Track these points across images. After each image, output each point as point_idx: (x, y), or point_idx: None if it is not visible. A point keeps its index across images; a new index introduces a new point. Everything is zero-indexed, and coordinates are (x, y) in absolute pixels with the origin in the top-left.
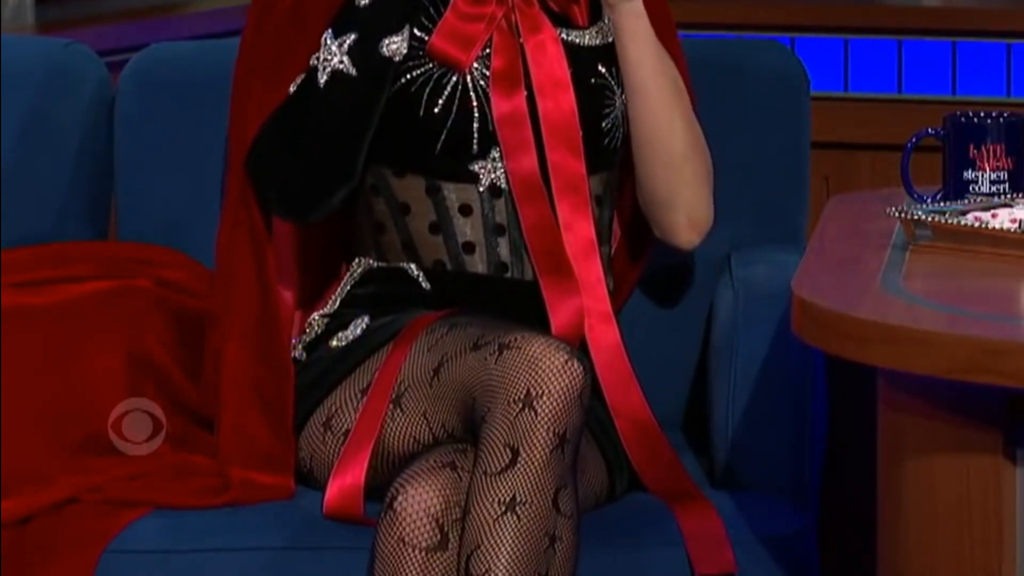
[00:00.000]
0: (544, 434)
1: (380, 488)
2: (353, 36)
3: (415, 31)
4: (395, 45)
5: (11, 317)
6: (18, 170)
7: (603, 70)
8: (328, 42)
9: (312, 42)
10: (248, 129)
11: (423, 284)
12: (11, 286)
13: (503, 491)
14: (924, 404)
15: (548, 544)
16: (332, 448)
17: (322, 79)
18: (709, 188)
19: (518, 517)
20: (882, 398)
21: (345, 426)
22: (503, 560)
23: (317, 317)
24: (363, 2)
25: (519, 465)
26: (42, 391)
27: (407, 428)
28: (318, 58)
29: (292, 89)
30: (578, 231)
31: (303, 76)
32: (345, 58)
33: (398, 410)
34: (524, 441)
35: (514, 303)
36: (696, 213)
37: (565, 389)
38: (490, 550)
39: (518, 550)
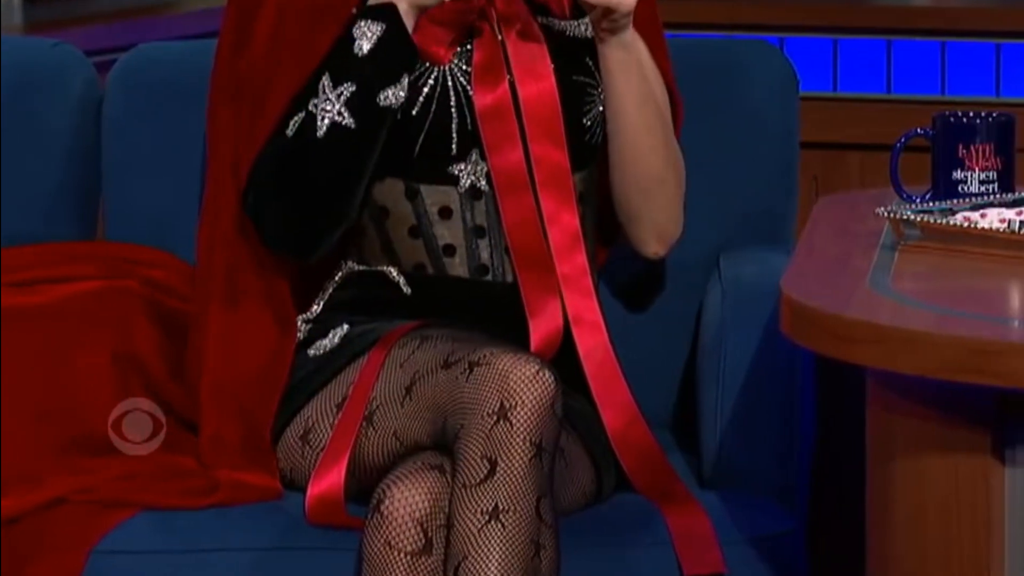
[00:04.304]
0: (521, 443)
1: (359, 494)
2: (352, 87)
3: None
4: (393, 96)
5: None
6: (5, 170)
7: (589, 63)
8: (326, 90)
9: (300, 59)
10: (238, 154)
11: (404, 288)
12: None
13: (484, 501)
14: (913, 404)
15: (535, 552)
16: (311, 461)
17: (321, 129)
18: (681, 204)
19: (503, 525)
20: (871, 398)
21: (322, 441)
22: (493, 568)
23: (300, 323)
24: (362, 52)
25: (498, 475)
26: (31, 391)
27: (380, 445)
28: (316, 105)
29: (289, 131)
30: (563, 224)
31: (301, 119)
32: (343, 109)
33: (371, 427)
34: (502, 451)
35: (495, 305)
36: (665, 229)
37: (538, 399)
38: (478, 560)
39: (507, 558)
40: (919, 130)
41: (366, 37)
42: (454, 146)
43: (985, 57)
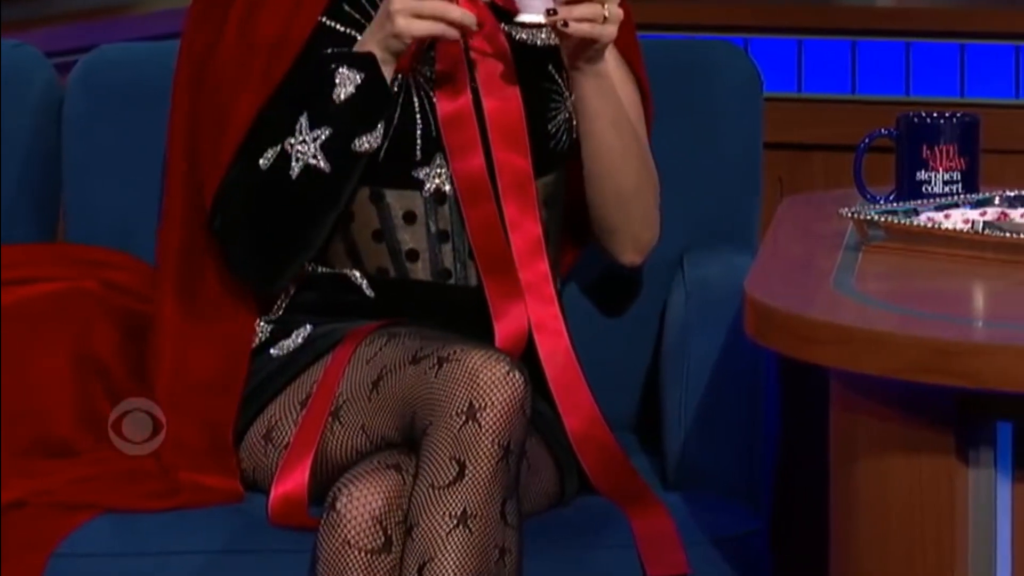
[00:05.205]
0: (489, 446)
1: (323, 494)
2: (328, 131)
3: (357, 37)
4: (369, 143)
5: None
6: None
7: (552, 71)
8: (303, 131)
9: (268, 66)
10: (198, 159)
11: (366, 291)
12: None
13: (453, 504)
14: (876, 405)
15: (499, 556)
16: (274, 460)
17: (295, 170)
18: (656, 215)
19: (470, 531)
20: (834, 399)
21: (286, 439)
22: (455, 574)
23: (262, 323)
24: (340, 97)
25: (467, 478)
26: None
27: (347, 440)
28: (291, 145)
29: (264, 163)
30: (525, 230)
31: (276, 153)
32: (319, 153)
33: (337, 423)
34: (470, 453)
35: (458, 309)
36: (641, 239)
37: (507, 400)
38: (443, 564)
39: (471, 563)
40: (883, 131)
41: (345, 84)
42: (418, 151)
43: (949, 58)
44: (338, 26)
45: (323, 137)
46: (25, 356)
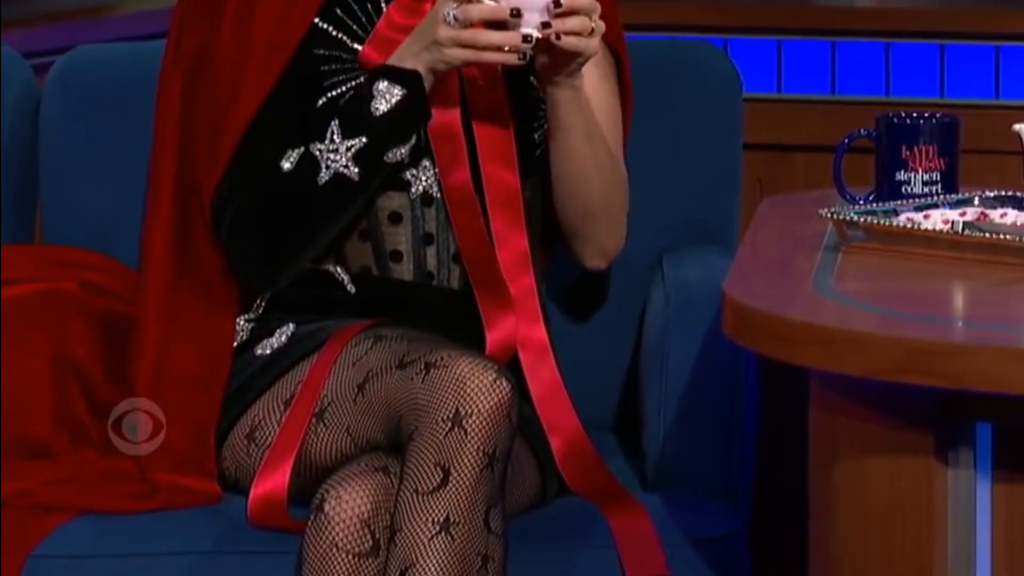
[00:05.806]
0: (474, 453)
1: (305, 496)
2: (363, 141)
3: (347, 41)
4: (401, 154)
5: None
6: None
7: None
8: (335, 138)
9: (269, 55)
10: (193, 146)
11: (349, 288)
12: None
13: (436, 511)
14: (856, 405)
15: (481, 564)
16: (256, 460)
17: (323, 177)
18: (624, 223)
19: (452, 538)
20: (814, 399)
21: (269, 439)
22: None
23: (242, 322)
24: (379, 110)
25: (451, 485)
26: None
27: (331, 442)
28: (320, 151)
29: (287, 166)
30: (512, 245)
31: (299, 156)
32: (350, 163)
33: (321, 425)
34: (454, 460)
35: (440, 311)
36: (607, 247)
37: (494, 408)
38: (425, 570)
39: (452, 570)
40: (863, 131)
41: (385, 98)
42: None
43: (929, 58)
44: (331, 29)
45: (357, 147)
46: (3, 357)
